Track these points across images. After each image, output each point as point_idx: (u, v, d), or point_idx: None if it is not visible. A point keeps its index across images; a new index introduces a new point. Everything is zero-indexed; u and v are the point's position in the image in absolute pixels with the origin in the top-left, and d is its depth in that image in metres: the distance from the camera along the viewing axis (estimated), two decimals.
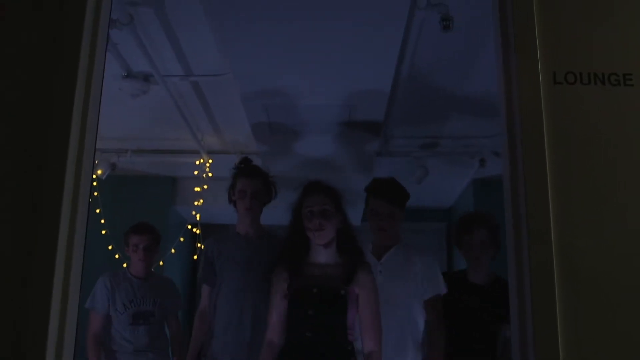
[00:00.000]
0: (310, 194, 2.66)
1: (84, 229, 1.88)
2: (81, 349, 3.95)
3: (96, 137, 1.97)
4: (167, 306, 3.82)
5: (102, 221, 5.62)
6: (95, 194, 5.59)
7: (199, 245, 5.90)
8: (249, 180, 3.13)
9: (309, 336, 2.48)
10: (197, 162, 5.56)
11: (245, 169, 3.23)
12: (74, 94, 1.84)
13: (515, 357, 1.84)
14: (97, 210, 5.58)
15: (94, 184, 5.33)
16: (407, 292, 3.02)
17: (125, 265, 3.99)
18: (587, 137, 1.87)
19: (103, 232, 5.61)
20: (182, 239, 5.96)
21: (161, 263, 4.51)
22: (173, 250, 5.79)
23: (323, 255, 2.64)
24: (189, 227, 6.22)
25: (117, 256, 5.65)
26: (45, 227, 1.76)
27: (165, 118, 4.93)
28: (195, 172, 5.57)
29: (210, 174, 5.58)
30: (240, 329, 2.99)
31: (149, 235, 3.77)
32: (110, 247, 5.64)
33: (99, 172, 5.44)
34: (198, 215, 5.70)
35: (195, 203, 5.64)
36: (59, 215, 1.78)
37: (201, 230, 5.84)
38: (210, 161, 5.55)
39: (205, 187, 5.59)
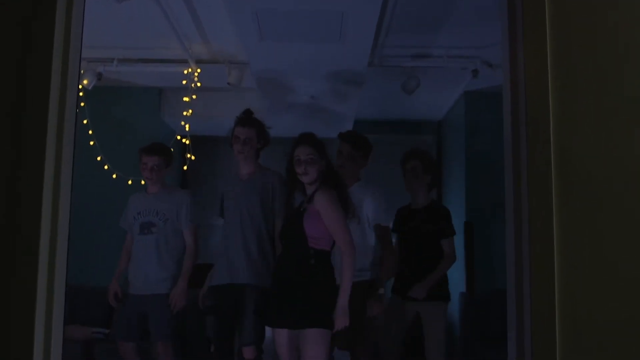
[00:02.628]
0: (300, 145, 3.22)
1: (72, 142, 1.85)
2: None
3: (81, 45, 1.90)
4: (175, 218, 4.00)
5: (90, 132, 5.58)
6: (82, 104, 5.51)
7: (188, 156, 5.89)
8: (244, 129, 3.66)
9: (284, 243, 3.27)
10: (185, 72, 5.46)
11: (242, 119, 3.71)
12: None
13: (510, 253, 1.89)
14: (84, 121, 5.53)
15: (80, 94, 5.24)
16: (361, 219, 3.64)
17: None
18: (591, 22, 1.75)
19: (91, 143, 5.58)
20: (171, 150, 5.92)
21: None
22: None
23: (309, 190, 3.26)
24: (178, 137, 6.19)
25: (106, 167, 5.65)
26: (32, 137, 1.73)
27: (152, 25, 4.79)
28: (184, 82, 5.49)
29: (199, 84, 5.50)
30: (231, 250, 3.61)
31: (157, 156, 4.07)
32: (99, 158, 5.62)
33: (85, 82, 5.35)
34: (187, 126, 5.65)
35: (184, 113, 5.59)
36: (46, 127, 1.74)
37: (191, 141, 5.81)
38: (198, 70, 5.45)
39: (194, 97, 5.52)
